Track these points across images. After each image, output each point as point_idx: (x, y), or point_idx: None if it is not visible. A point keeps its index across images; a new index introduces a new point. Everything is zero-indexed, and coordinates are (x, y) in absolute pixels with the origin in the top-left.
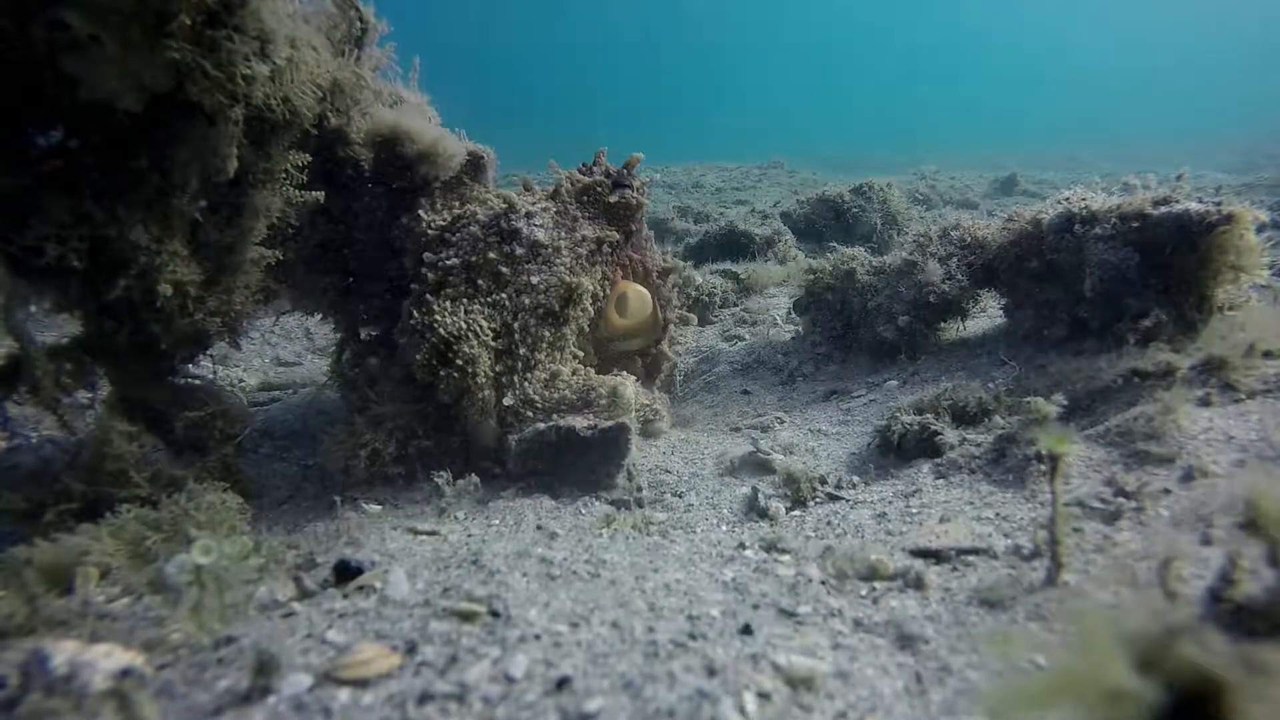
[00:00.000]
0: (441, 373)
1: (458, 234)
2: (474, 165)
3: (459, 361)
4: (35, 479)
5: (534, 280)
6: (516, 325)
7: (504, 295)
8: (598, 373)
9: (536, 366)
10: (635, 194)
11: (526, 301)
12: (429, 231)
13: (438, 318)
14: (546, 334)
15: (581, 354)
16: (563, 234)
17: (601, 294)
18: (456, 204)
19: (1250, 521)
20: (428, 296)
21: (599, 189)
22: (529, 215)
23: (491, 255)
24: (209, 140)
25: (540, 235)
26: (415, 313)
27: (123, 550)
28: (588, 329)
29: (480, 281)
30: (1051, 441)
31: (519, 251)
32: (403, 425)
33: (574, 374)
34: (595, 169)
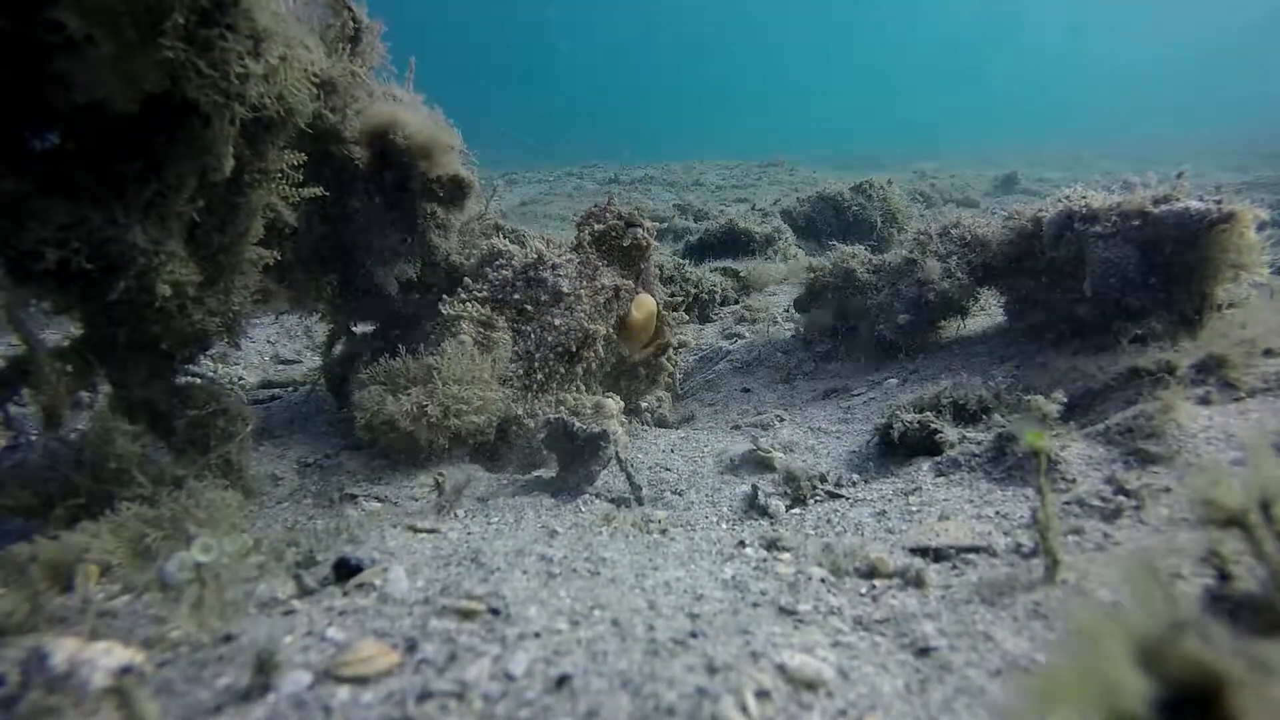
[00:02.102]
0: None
1: (495, 272)
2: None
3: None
4: (42, 475)
5: (557, 322)
6: (538, 356)
7: (529, 328)
8: (613, 376)
9: (548, 392)
10: (645, 234)
11: (549, 338)
12: (468, 260)
13: (446, 308)
14: (561, 369)
15: (585, 388)
16: (583, 284)
17: (615, 337)
18: (481, 239)
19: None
20: (450, 301)
21: (614, 233)
22: (554, 267)
23: (517, 296)
24: (204, 140)
25: (564, 286)
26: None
27: (123, 548)
28: (595, 368)
29: (505, 313)
30: (1031, 438)
31: (544, 298)
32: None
33: (575, 400)
34: (607, 213)
